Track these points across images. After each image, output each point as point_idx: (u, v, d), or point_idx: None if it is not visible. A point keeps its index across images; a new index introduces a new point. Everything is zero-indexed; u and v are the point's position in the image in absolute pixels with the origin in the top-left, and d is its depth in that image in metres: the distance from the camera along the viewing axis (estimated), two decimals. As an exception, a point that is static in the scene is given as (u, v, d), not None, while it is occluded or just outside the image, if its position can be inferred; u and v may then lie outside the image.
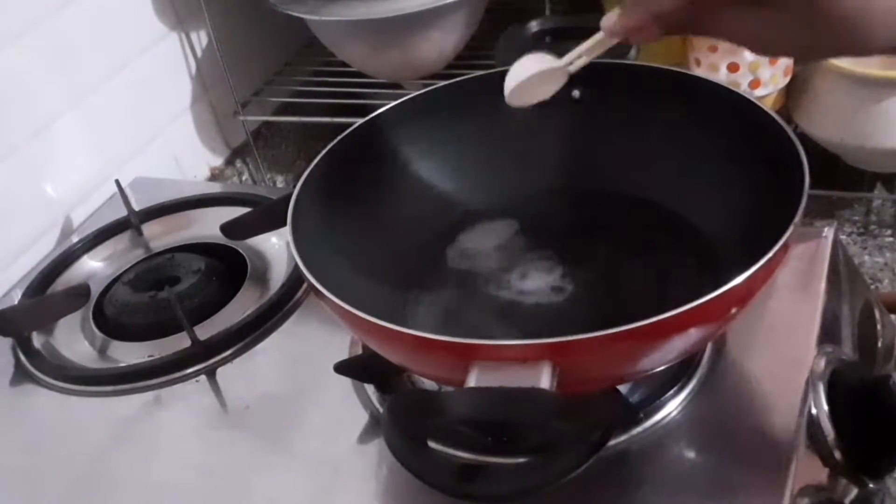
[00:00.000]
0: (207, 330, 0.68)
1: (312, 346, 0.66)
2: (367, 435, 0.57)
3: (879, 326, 0.69)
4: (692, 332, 0.44)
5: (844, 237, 0.79)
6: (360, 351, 0.62)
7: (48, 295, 0.77)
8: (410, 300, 0.61)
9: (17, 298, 0.77)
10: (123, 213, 0.83)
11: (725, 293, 0.42)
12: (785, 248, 0.45)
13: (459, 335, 0.43)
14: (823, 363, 0.56)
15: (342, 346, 0.63)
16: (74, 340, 0.72)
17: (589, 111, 0.64)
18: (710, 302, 0.42)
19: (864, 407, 0.55)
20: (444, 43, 0.95)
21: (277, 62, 1.12)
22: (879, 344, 0.69)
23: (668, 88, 0.61)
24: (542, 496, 0.38)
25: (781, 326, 0.58)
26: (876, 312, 0.69)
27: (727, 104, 0.57)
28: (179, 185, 0.92)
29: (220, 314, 0.70)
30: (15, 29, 0.79)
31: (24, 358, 0.70)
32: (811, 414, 0.53)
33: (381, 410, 0.58)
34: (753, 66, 0.79)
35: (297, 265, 0.50)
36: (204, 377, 0.65)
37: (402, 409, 0.52)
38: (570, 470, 0.39)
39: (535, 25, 0.73)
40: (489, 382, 0.41)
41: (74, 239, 0.83)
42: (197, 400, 0.64)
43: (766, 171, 0.53)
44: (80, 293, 0.75)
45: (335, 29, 0.95)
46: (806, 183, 0.48)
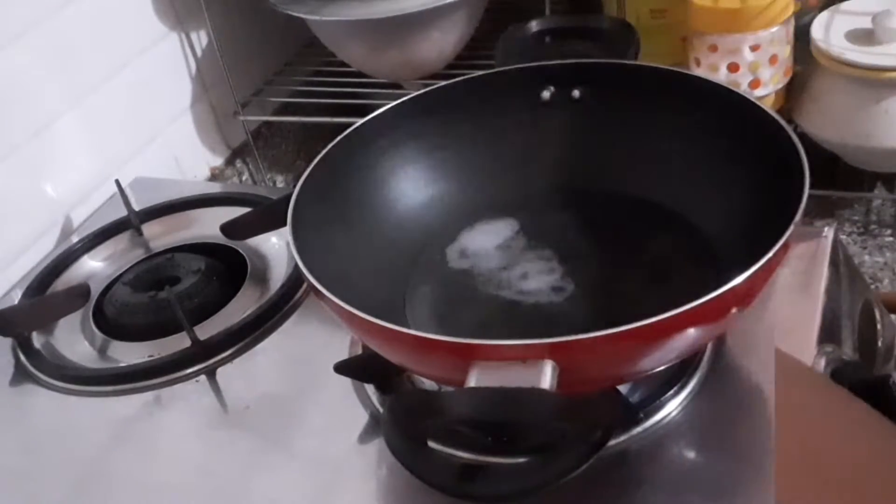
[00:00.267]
0: (207, 330, 0.68)
1: (312, 346, 0.66)
2: (367, 435, 0.57)
3: (879, 326, 0.69)
4: (692, 332, 0.44)
5: (844, 237, 0.79)
6: (360, 351, 0.62)
7: (48, 295, 0.77)
8: (410, 300, 0.61)
9: (17, 298, 0.77)
10: (123, 213, 0.83)
11: (725, 293, 0.42)
12: (785, 247, 0.45)
13: (459, 335, 0.43)
14: (823, 363, 0.56)
15: (342, 346, 0.63)
16: (74, 340, 0.72)
17: (589, 111, 0.64)
18: (710, 302, 0.42)
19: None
20: (444, 43, 0.95)
21: (277, 62, 1.12)
22: (879, 344, 0.69)
23: (668, 88, 0.61)
24: (542, 496, 0.39)
25: (781, 326, 0.58)
26: (876, 312, 0.69)
27: (727, 104, 0.57)
28: (179, 185, 0.92)
29: (220, 314, 0.70)
30: (15, 29, 0.79)
31: (24, 358, 0.70)
32: (811, 414, 0.53)
33: (381, 410, 0.58)
34: (753, 66, 0.79)
35: (297, 265, 0.50)
36: (204, 377, 0.65)
37: (402, 409, 0.52)
38: (570, 470, 0.39)
39: (535, 25, 0.74)
40: (489, 382, 0.41)
41: (74, 239, 0.83)
42: (197, 400, 0.64)
43: (766, 171, 0.53)
44: (80, 293, 0.75)
45: (335, 29, 0.95)
46: (806, 183, 0.48)
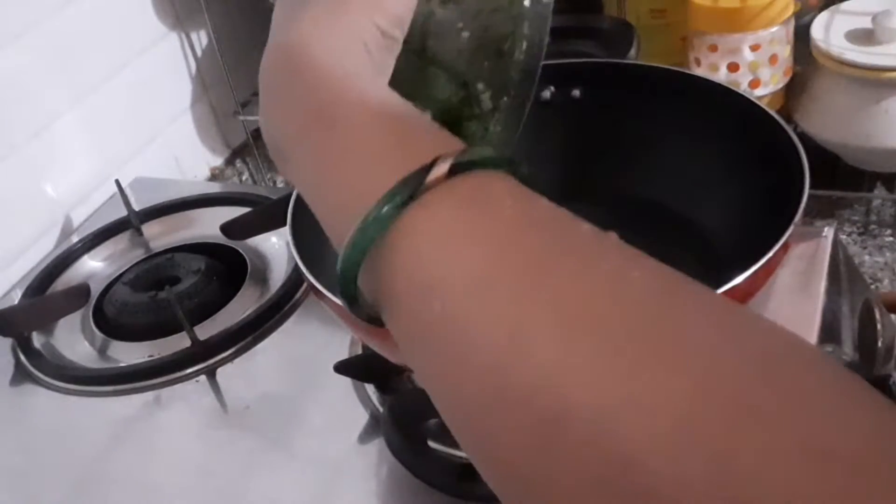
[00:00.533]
0: (207, 330, 0.68)
1: (312, 346, 0.66)
2: (367, 435, 0.57)
3: (879, 326, 0.69)
4: (692, 331, 0.44)
5: (844, 237, 0.79)
6: (360, 351, 0.62)
7: (48, 295, 0.77)
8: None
9: (17, 298, 0.77)
10: (123, 213, 0.83)
11: (725, 293, 0.42)
12: (785, 247, 0.45)
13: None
14: (823, 363, 0.56)
15: (342, 346, 0.63)
16: (74, 340, 0.72)
17: (589, 111, 0.64)
18: (710, 302, 0.42)
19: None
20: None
21: (277, 62, 1.12)
22: (879, 344, 0.68)
23: (668, 88, 0.61)
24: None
25: (781, 326, 0.58)
26: (876, 312, 0.69)
27: (727, 104, 0.57)
28: (179, 185, 0.92)
29: (220, 314, 0.70)
30: (15, 29, 0.79)
31: (24, 358, 0.70)
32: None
33: (381, 410, 0.58)
34: (753, 65, 0.79)
35: (297, 265, 0.50)
36: (204, 377, 0.65)
37: (402, 409, 0.52)
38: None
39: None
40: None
41: (74, 239, 0.83)
42: (197, 400, 0.64)
43: (766, 171, 0.53)
44: (80, 293, 0.75)
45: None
46: (806, 183, 0.48)
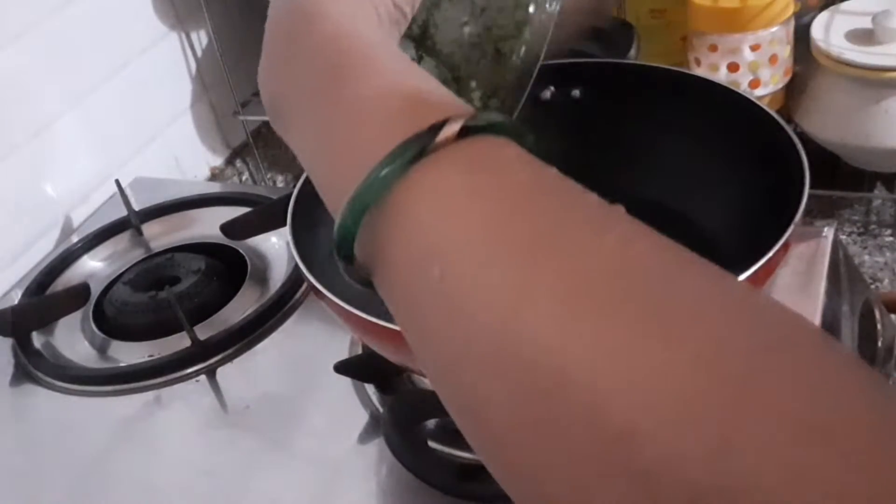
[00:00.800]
0: (207, 330, 0.68)
1: (312, 346, 0.66)
2: (367, 435, 0.57)
3: (879, 326, 0.69)
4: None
5: (844, 237, 0.79)
6: (360, 351, 0.62)
7: (48, 295, 0.77)
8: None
9: (17, 298, 0.77)
10: (123, 213, 0.83)
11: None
12: (785, 247, 0.45)
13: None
14: (823, 363, 0.56)
15: (342, 346, 0.63)
16: (74, 340, 0.72)
17: (589, 111, 0.64)
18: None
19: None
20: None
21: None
22: (879, 344, 0.68)
23: (668, 88, 0.61)
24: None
25: (781, 326, 0.58)
26: (876, 312, 0.69)
27: (727, 104, 0.57)
28: (179, 185, 0.92)
29: (220, 314, 0.70)
30: (15, 29, 0.79)
31: (24, 358, 0.70)
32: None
33: (381, 410, 0.58)
34: (753, 65, 0.79)
35: (297, 265, 0.50)
36: (204, 377, 0.65)
37: (402, 409, 0.52)
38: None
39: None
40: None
41: (74, 239, 0.83)
42: (197, 400, 0.64)
43: (766, 171, 0.53)
44: (80, 293, 0.75)
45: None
46: (806, 183, 0.48)
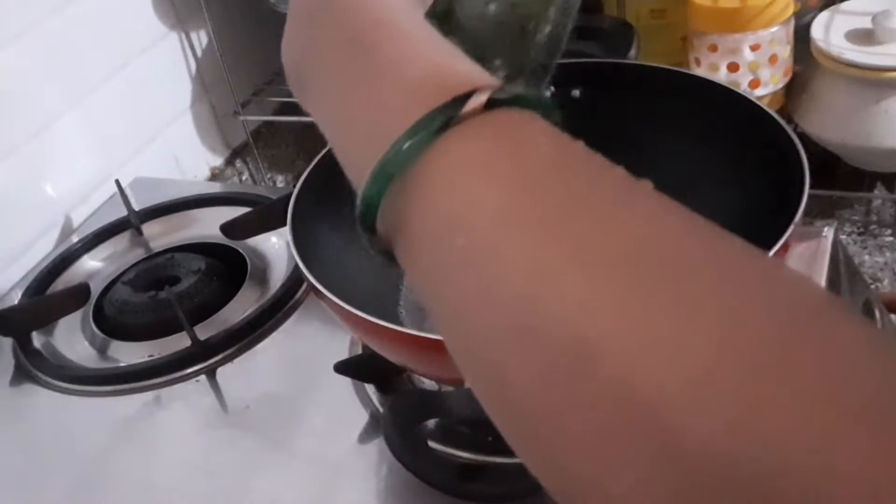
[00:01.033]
0: (207, 330, 0.68)
1: (312, 346, 0.66)
2: (367, 435, 0.57)
3: (879, 326, 0.69)
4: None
5: (844, 237, 0.79)
6: (360, 351, 0.62)
7: (48, 295, 0.77)
8: (411, 300, 0.61)
9: (17, 298, 0.77)
10: (123, 213, 0.83)
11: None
12: (785, 248, 0.45)
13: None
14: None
15: (342, 346, 0.63)
16: (74, 340, 0.72)
17: (588, 111, 0.63)
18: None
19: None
20: (444, 42, 0.95)
21: (277, 62, 1.10)
22: (879, 344, 0.68)
23: (668, 88, 0.61)
24: (542, 496, 0.38)
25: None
26: (876, 312, 0.69)
27: (727, 104, 0.57)
28: (179, 185, 0.92)
29: (220, 314, 0.70)
30: (15, 29, 0.79)
31: (24, 358, 0.70)
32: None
33: (381, 410, 0.58)
34: (753, 65, 0.79)
35: (297, 265, 0.50)
36: (204, 377, 0.65)
37: (402, 409, 0.52)
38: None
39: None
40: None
41: (74, 239, 0.83)
42: (197, 400, 0.64)
43: (766, 171, 0.53)
44: (80, 293, 0.75)
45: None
46: (806, 183, 0.48)
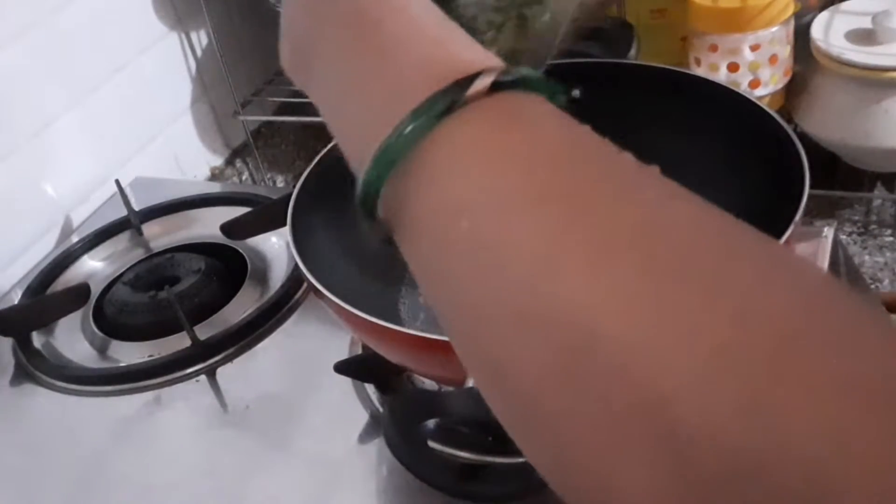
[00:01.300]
0: (207, 330, 0.68)
1: (312, 346, 0.66)
2: (367, 435, 0.57)
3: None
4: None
5: (844, 237, 0.79)
6: (360, 351, 0.62)
7: (48, 295, 0.77)
8: (411, 300, 0.61)
9: (17, 298, 0.77)
10: (123, 213, 0.83)
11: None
12: (785, 247, 0.45)
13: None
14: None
15: (342, 346, 0.63)
16: (74, 340, 0.72)
17: (588, 111, 0.63)
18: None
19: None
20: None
21: (277, 62, 1.12)
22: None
23: (668, 88, 0.61)
24: (542, 496, 0.38)
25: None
26: (876, 312, 0.69)
27: (727, 104, 0.57)
28: (179, 185, 0.92)
29: (220, 314, 0.70)
30: (15, 29, 0.79)
31: (24, 358, 0.70)
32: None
33: (381, 410, 0.58)
34: (753, 65, 0.79)
35: (297, 265, 0.50)
36: (204, 377, 0.65)
37: (402, 409, 0.52)
38: (570, 470, 0.38)
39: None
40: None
41: (74, 239, 0.83)
42: (197, 400, 0.64)
43: (766, 171, 0.53)
44: (80, 293, 0.75)
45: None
46: (806, 183, 0.48)
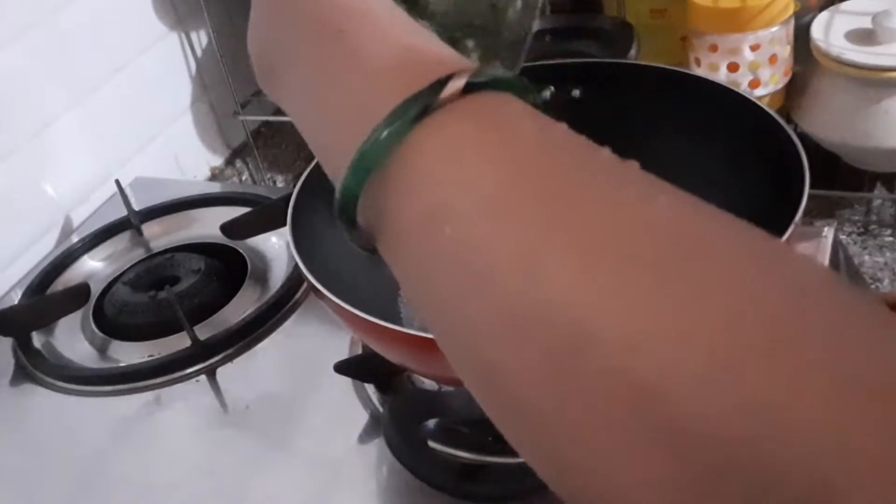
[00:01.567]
0: (207, 330, 0.68)
1: (312, 346, 0.66)
2: (367, 435, 0.57)
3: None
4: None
5: (844, 237, 0.79)
6: (360, 351, 0.62)
7: (48, 295, 0.77)
8: (410, 300, 0.61)
9: (17, 298, 0.77)
10: (123, 213, 0.83)
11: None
12: (785, 247, 0.45)
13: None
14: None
15: (342, 346, 0.63)
16: (74, 340, 0.72)
17: (588, 110, 0.63)
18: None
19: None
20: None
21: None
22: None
23: (668, 88, 0.61)
24: (542, 496, 0.38)
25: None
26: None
27: (727, 104, 0.57)
28: (179, 184, 0.92)
29: (220, 314, 0.70)
30: (15, 29, 0.79)
31: (24, 358, 0.70)
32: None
33: (381, 410, 0.58)
34: (753, 65, 0.79)
35: (297, 265, 0.50)
36: (204, 377, 0.65)
37: (402, 409, 0.52)
38: (570, 470, 0.38)
39: (535, 25, 0.73)
40: (489, 382, 0.41)
41: (74, 239, 0.83)
42: (197, 400, 0.64)
43: (766, 171, 0.53)
44: (80, 293, 0.75)
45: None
46: (806, 183, 0.48)
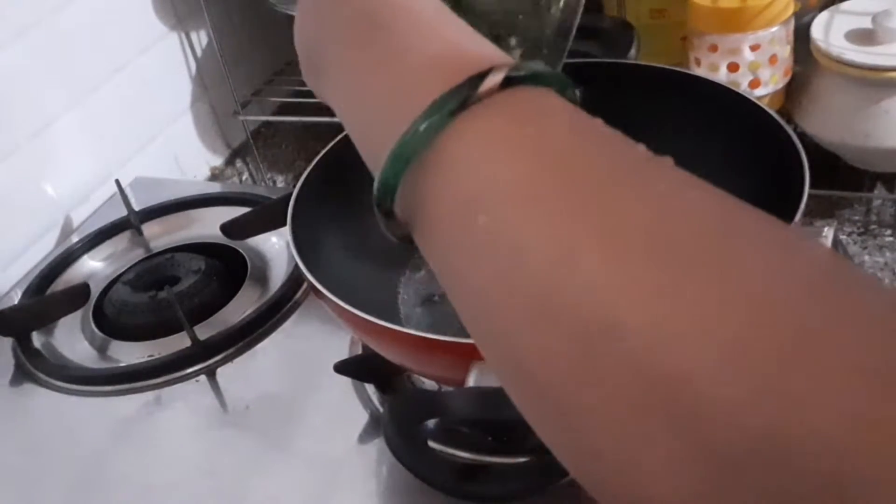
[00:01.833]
0: (207, 330, 0.68)
1: (312, 346, 0.66)
2: (367, 435, 0.57)
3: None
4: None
5: (844, 237, 0.79)
6: (360, 351, 0.62)
7: (48, 295, 0.77)
8: (411, 300, 0.61)
9: (17, 298, 0.77)
10: (123, 213, 0.83)
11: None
12: (785, 247, 0.45)
13: (459, 335, 0.43)
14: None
15: (342, 346, 0.63)
16: (74, 340, 0.72)
17: (588, 110, 0.64)
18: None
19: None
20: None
21: (277, 62, 1.12)
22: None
23: (668, 88, 0.61)
24: (542, 496, 0.39)
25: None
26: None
27: (727, 104, 0.57)
28: (179, 184, 0.92)
29: (220, 314, 0.70)
30: (15, 29, 0.79)
31: (24, 358, 0.70)
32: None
33: (381, 410, 0.58)
34: (753, 65, 0.79)
35: (297, 265, 0.51)
36: (204, 377, 0.65)
37: (402, 409, 0.52)
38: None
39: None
40: (489, 382, 0.41)
41: (74, 239, 0.83)
42: (197, 400, 0.64)
43: (766, 171, 0.53)
44: (80, 293, 0.75)
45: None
46: (806, 183, 0.48)
